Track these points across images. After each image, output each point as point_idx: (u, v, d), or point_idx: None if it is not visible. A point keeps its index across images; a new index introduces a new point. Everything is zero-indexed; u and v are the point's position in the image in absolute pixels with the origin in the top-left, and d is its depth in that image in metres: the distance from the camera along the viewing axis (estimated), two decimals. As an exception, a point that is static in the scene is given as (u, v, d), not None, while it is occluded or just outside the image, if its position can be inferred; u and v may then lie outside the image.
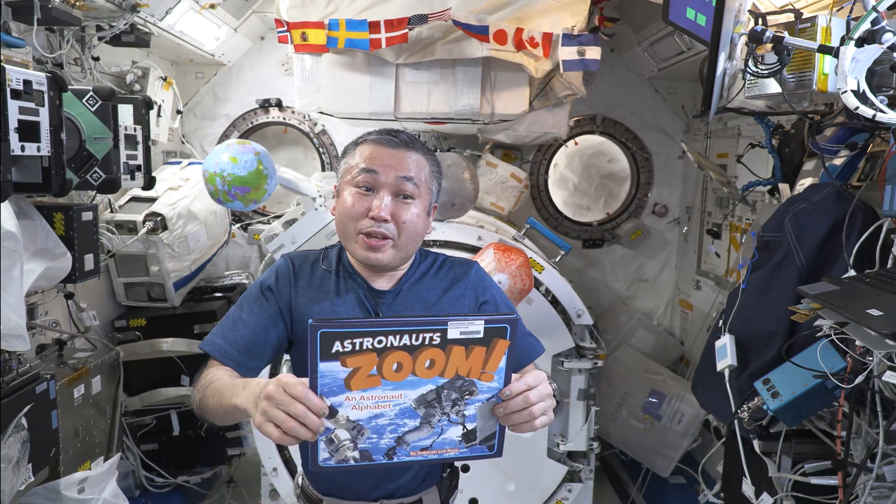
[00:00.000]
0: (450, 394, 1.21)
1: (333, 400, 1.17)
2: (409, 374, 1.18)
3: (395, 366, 1.17)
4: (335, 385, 1.15)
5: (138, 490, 3.72)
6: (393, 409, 1.20)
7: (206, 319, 3.75)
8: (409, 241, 1.51)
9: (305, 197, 3.21)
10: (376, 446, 1.22)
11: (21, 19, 2.53)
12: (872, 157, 2.36)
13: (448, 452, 1.26)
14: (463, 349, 1.18)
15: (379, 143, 1.52)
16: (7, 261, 2.07)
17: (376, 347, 1.14)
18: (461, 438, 1.25)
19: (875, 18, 1.80)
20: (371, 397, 1.18)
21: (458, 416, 1.23)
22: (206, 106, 4.59)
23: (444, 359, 1.18)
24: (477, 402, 1.23)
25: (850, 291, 1.90)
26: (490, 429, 1.27)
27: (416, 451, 1.25)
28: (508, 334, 1.19)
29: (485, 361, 1.20)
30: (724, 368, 2.37)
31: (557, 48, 2.96)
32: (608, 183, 5.02)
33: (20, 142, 2.06)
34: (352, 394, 1.16)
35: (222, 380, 1.38)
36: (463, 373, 1.20)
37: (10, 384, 2.25)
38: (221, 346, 1.48)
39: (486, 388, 1.22)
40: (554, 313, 3.07)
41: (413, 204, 1.51)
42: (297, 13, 2.98)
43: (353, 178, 1.51)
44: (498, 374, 1.22)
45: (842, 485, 1.90)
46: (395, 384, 1.18)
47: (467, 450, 1.27)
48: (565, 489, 3.17)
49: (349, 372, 1.15)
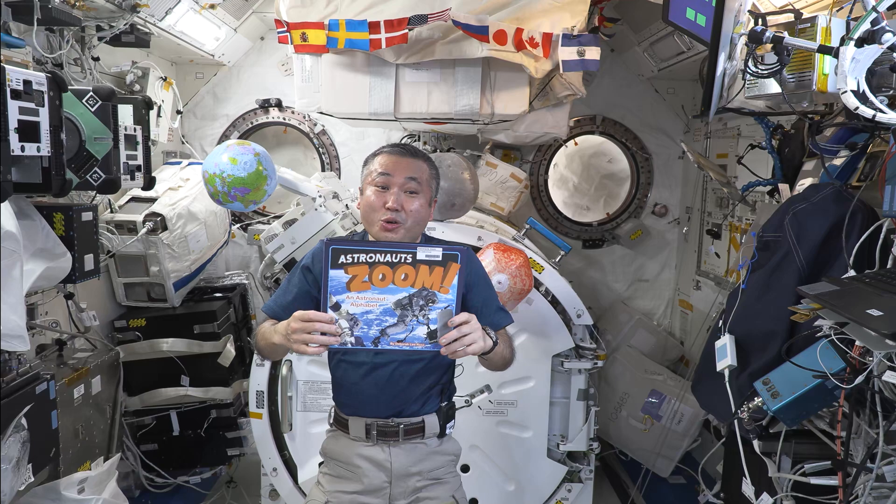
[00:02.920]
0: (418, 300, 1.70)
1: (338, 297, 1.67)
2: (390, 283, 1.68)
3: (381, 276, 1.67)
4: (340, 286, 1.67)
5: (138, 490, 3.73)
6: (379, 308, 1.69)
7: (206, 319, 3.75)
8: (414, 224, 2.01)
9: (305, 197, 3.21)
10: (366, 335, 1.71)
11: (21, 19, 2.53)
12: (872, 157, 2.36)
13: (416, 346, 1.73)
14: (427, 268, 1.68)
15: (391, 154, 2.04)
16: (7, 261, 2.07)
17: (368, 261, 1.66)
18: (426, 336, 1.72)
19: (875, 18, 1.80)
20: (364, 298, 1.68)
21: (424, 318, 1.71)
22: (205, 106, 4.59)
23: (414, 273, 1.68)
24: (437, 308, 1.71)
25: (850, 291, 1.90)
26: (445, 331, 1.72)
27: (394, 342, 1.72)
28: (459, 259, 1.68)
29: (442, 278, 1.69)
30: (724, 368, 2.37)
31: (557, 48, 2.96)
32: (608, 183, 5.03)
33: (20, 142, 2.06)
34: (350, 294, 1.67)
35: (266, 328, 1.96)
36: (427, 285, 1.69)
37: (10, 384, 2.25)
38: (271, 306, 2.05)
39: (443, 298, 1.70)
40: (554, 313, 3.07)
41: (417, 197, 2.00)
42: (297, 13, 2.98)
43: (373, 180, 2.01)
44: (452, 288, 1.70)
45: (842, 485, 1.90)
46: (380, 290, 1.68)
47: (430, 345, 1.72)
48: (565, 489, 3.17)
49: (349, 278, 1.66)
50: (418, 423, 2.06)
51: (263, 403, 3.12)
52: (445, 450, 2.14)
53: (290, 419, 3.08)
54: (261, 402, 3.12)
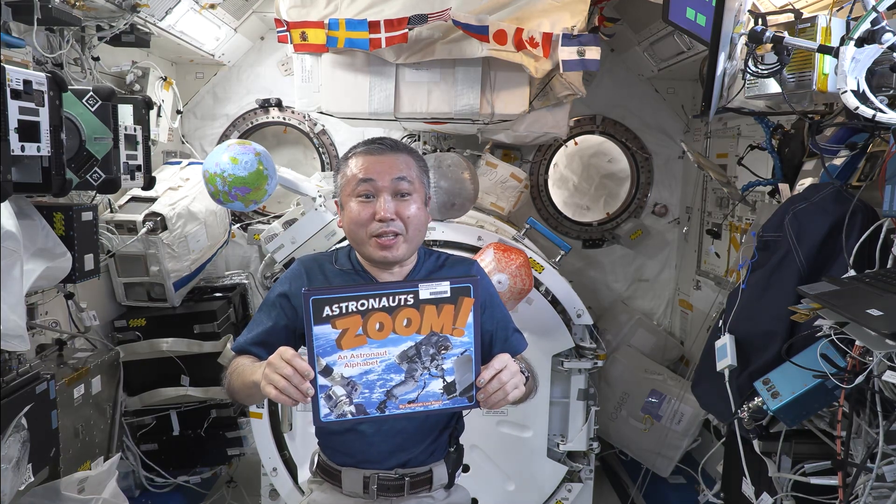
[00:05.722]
0: (428, 349, 1.40)
1: (328, 359, 1.37)
2: (391, 333, 1.38)
3: (378, 325, 1.37)
4: (328, 345, 1.36)
5: (138, 490, 3.72)
6: (380, 365, 1.39)
7: (205, 319, 3.75)
8: (416, 232, 1.66)
9: (305, 197, 3.21)
10: (369, 400, 1.41)
11: (21, 19, 2.53)
12: (872, 157, 2.35)
13: (432, 404, 1.44)
14: (434, 308, 1.38)
15: (368, 153, 1.66)
16: (7, 261, 2.07)
17: (360, 310, 1.35)
18: (443, 391, 1.43)
19: (875, 18, 1.80)
20: (360, 355, 1.38)
21: (438, 370, 1.42)
22: (206, 106, 4.59)
23: (418, 317, 1.38)
24: (452, 356, 1.41)
25: (850, 291, 1.90)
26: (467, 381, 1.44)
27: (405, 404, 1.42)
28: (472, 292, 1.39)
29: (455, 318, 1.39)
30: (724, 368, 2.37)
31: (557, 48, 2.96)
32: (608, 183, 5.02)
33: (20, 142, 2.06)
34: (343, 353, 1.37)
35: (244, 364, 1.62)
36: (437, 329, 1.39)
37: (10, 384, 2.25)
38: (241, 343, 1.71)
39: (458, 342, 1.41)
40: (554, 313, 3.07)
41: (412, 199, 1.65)
42: (296, 13, 2.98)
43: (354, 190, 1.64)
44: (468, 329, 1.41)
45: (842, 485, 1.90)
46: (379, 342, 1.38)
47: (449, 401, 1.44)
48: (565, 489, 3.17)
49: (339, 333, 1.36)
50: (425, 473, 1.77)
51: (263, 403, 3.12)
52: (454, 502, 1.87)
53: (290, 419, 3.08)
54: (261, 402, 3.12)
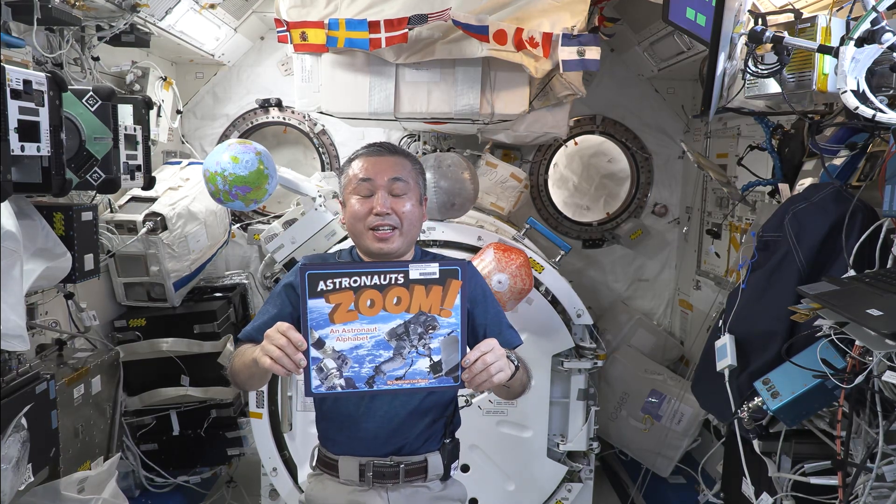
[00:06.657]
0: (416, 328, 1.46)
1: (321, 332, 1.44)
2: (381, 310, 1.45)
3: (369, 302, 1.44)
4: (321, 319, 1.43)
5: (138, 490, 3.72)
6: (370, 340, 1.46)
7: (206, 319, 3.75)
8: (410, 227, 1.79)
9: (305, 197, 3.21)
10: (358, 375, 1.47)
11: (21, 19, 2.53)
12: (872, 157, 2.36)
13: (419, 382, 1.49)
14: (423, 288, 1.44)
15: (369, 156, 1.83)
16: (7, 261, 2.07)
17: (352, 286, 1.42)
18: (429, 369, 1.48)
19: (875, 18, 1.80)
20: (351, 330, 1.45)
21: (425, 349, 1.47)
22: (205, 106, 4.59)
23: (408, 296, 1.44)
24: (439, 335, 1.47)
25: (850, 291, 1.90)
26: (453, 361, 1.49)
27: (392, 381, 1.48)
28: (460, 275, 1.45)
29: (442, 299, 1.45)
30: (724, 368, 2.37)
31: (557, 48, 2.96)
32: (608, 183, 5.02)
33: (20, 142, 2.06)
34: (335, 326, 1.44)
35: (246, 347, 1.73)
36: (425, 308, 1.45)
37: (10, 384, 2.25)
38: (247, 331, 1.82)
39: (445, 323, 1.47)
40: (554, 313, 3.07)
41: (407, 197, 1.79)
42: (296, 13, 2.97)
43: (355, 188, 1.80)
44: (455, 310, 1.46)
45: (842, 485, 1.90)
46: (370, 318, 1.45)
47: (435, 380, 1.49)
48: (565, 489, 3.17)
49: (332, 307, 1.43)
50: (420, 462, 1.83)
51: (263, 403, 3.12)
52: (450, 495, 1.90)
53: (290, 419, 3.08)
54: (261, 401, 3.12)
